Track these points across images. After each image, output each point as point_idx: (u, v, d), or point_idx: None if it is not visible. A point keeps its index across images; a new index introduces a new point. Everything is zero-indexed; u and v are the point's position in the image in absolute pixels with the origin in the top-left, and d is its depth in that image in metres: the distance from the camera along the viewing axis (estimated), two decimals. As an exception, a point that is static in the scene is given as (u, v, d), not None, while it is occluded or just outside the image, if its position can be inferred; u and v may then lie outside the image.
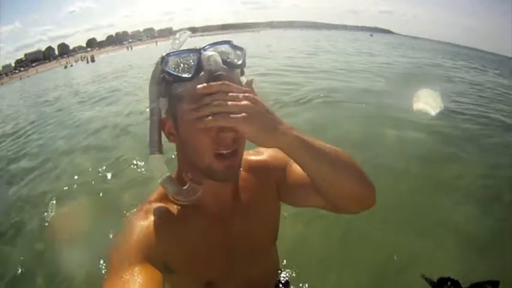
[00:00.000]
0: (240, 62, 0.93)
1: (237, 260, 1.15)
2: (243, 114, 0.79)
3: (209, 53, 0.87)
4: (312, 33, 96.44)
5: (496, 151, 5.11)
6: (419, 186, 3.90)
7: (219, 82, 0.82)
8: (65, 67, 47.85)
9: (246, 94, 0.81)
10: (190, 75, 0.85)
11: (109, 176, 4.52)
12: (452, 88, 9.62)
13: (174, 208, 1.03)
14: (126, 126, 6.87)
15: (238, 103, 0.79)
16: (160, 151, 0.98)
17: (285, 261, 2.21)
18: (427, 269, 2.44)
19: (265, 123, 0.82)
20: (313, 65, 14.41)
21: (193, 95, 0.83)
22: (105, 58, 55.31)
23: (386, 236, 3.01)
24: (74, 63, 54.75)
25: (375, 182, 1.00)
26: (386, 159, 4.42)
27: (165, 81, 0.90)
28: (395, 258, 2.74)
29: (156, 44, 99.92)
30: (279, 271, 1.66)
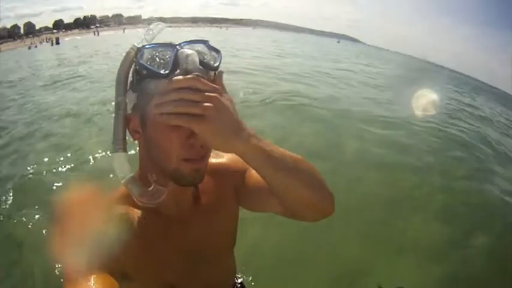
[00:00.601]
0: (216, 64, 0.90)
1: (197, 263, 1.14)
2: (203, 116, 0.76)
3: (187, 51, 0.84)
4: (281, 35, 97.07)
5: (452, 164, 5.37)
6: (377, 195, 3.99)
7: (190, 76, 0.80)
8: (29, 48, 46.09)
9: (212, 94, 0.79)
10: (166, 72, 0.81)
11: (67, 167, 4.40)
12: (413, 100, 9.94)
13: (133, 211, 1.01)
14: (87, 115, 6.74)
15: (202, 103, 0.77)
16: (125, 149, 0.93)
17: (242, 265, 2.20)
18: (384, 279, 2.52)
19: (224, 128, 0.79)
20: (280, 67, 14.55)
21: (165, 92, 0.80)
22: (71, 41, 52.95)
23: (344, 245, 3.07)
24: (38, 44, 52.69)
25: (333, 189, 1.02)
26: (344, 167, 4.51)
27: (137, 74, 0.87)
28: (352, 267, 2.79)
29: (124, 31, 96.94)
30: (236, 274, 1.64)
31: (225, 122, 0.79)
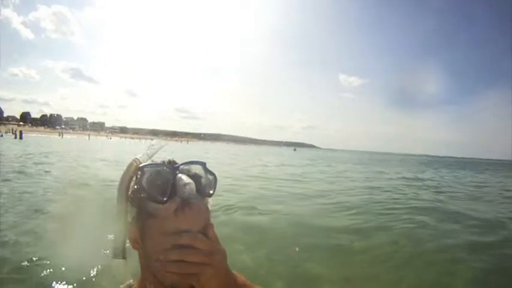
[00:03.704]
0: (211, 192, 0.94)
1: None
2: (201, 274, 0.81)
3: (185, 179, 0.87)
4: (239, 148, 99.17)
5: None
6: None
7: (191, 235, 0.83)
8: None
9: (210, 256, 0.83)
10: (164, 199, 0.84)
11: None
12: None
13: None
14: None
15: (198, 266, 0.81)
16: (124, 256, 0.95)
17: None
18: None
19: (217, 285, 0.84)
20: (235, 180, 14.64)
21: (163, 216, 0.85)
22: (35, 139, 53.16)
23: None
24: (4, 134, 53.06)
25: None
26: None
27: (137, 192, 0.90)
28: None
29: (89, 137, 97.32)
30: None
31: (218, 279, 0.85)
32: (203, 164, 0.96)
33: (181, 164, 0.92)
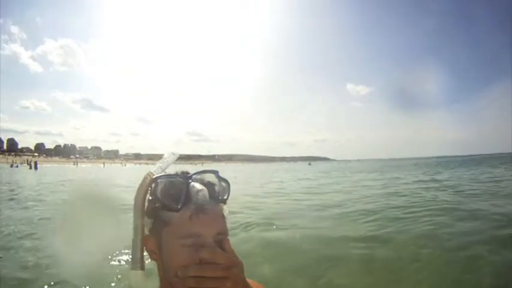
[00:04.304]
0: (225, 197, 0.96)
1: None
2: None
3: (197, 186, 0.90)
4: (254, 166, 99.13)
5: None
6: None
7: (209, 250, 0.83)
8: (11, 166, 49.74)
9: (229, 270, 0.82)
10: (179, 207, 0.87)
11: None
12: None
13: None
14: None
15: (217, 280, 0.80)
16: (142, 268, 0.97)
17: None
18: None
19: None
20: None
21: (178, 224, 0.87)
22: (50, 169, 52.50)
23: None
24: (19, 165, 56.53)
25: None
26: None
27: (152, 203, 0.93)
28: None
29: (104, 165, 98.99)
30: None
31: None
32: (216, 173, 0.99)
33: (194, 174, 0.96)
